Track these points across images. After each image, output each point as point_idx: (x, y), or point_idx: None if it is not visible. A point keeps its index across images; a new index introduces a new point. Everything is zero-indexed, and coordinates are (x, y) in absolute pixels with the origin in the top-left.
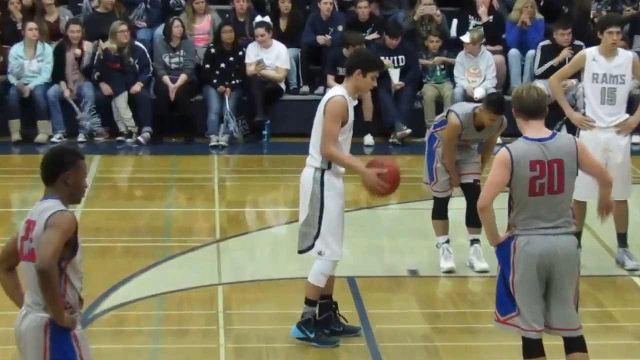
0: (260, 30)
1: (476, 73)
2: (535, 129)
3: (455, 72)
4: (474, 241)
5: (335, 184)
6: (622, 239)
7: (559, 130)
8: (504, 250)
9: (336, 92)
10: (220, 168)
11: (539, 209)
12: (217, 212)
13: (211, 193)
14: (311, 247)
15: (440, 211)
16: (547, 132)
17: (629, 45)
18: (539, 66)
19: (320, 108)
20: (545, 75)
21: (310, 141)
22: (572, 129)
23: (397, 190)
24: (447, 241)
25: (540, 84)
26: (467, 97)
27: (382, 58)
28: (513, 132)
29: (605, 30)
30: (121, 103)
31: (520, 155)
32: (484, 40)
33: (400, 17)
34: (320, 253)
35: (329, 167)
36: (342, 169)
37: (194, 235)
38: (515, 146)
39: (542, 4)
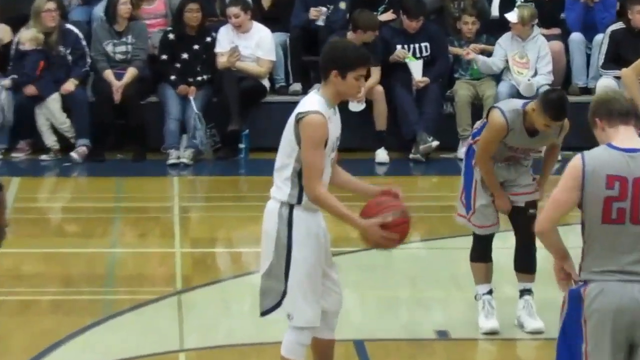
0: (234, 10)
1: (523, 63)
2: (625, 136)
3: (494, 58)
4: (524, 292)
5: (309, 224)
6: None
7: None
8: (569, 302)
9: (310, 105)
10: (183, 194)
11: (617, 244)
12: (178, 254)
13: (170, 228)
14: (277, 306)
15: (481, 251)
16: (638, 142)
17: None
18: (605, 58)
19: (291, 123)
20: (613, 69)
21: (275, 164)
22: None
23: (402, 242)
24: (490, 292)
25: (605, 80)
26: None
27: (399, 46)
28: (577, 144)
29: None
30: (53, 107)
31: (595, 166)
32: (536, 20)
33: None
34: (289, 317)
35: (299, 200)
36: None
37: (147, 285)
38: (591, 154)
39: None
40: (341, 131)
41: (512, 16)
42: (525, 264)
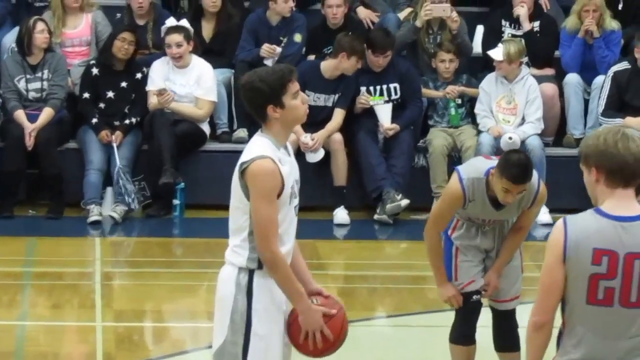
0: (176, 37)
1: (510, 109)
2: (620, 201)
3: (478, 105)
4: None
5: (273, 292)
6: None
7: None
8: None
9: (255, 150)
10: (105, 258)
11: (603, 329)
12: (100, 328)
13: (90, 297)
14: None
15: (463, 330)
16: (635, 209)
17: None
18: (607, 104)
19: (236, 176)
20: (616, 117)
21: (229, 224)
22: None
23: (334, 350)
24: None
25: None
26: (500, 153)
27: (363, 89)
28: (572, 206)
29: None
30: None
31: (580, 237)
32: (525, 57)
33: (392, 22)
34: None
35: (260, 265)
36: (286, 252)
37: None
38: (576, 221)
39: (620, 6)
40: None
41: (496, 53)
42: (508, 341)
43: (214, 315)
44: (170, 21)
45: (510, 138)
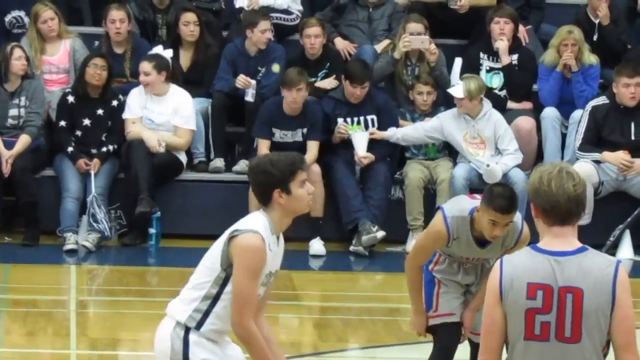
0: (145, 66)
1: (477, 143)
2: (556, 237)
3: (426, 128)
4: None
5: (211, 349)
6: None
7: (614, 240)
8: None
9: (251, 223)
10: (81, 286)
11: None
12: (74, 357)
13: (65, 326)
14: None
15: None
16: (572, 244)
17: None
18: (584, 138)
19: (223, 239)
20: (592, 152)
21: (191, 277)
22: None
23: None
24: None
25: (582, 165)
26: (474, 185)
27: (340, 120)
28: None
29: None
30: None
31: (515, 273)
32: (484, 92)
33: (370, 54)
34: None
35: (198, 326)
36: (223, 329)
37: None
38: (511, 259)
39: (595, 38)
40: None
41: (456, 91)
42: None
43: None
44: (158, 49)
45: (487, 165)
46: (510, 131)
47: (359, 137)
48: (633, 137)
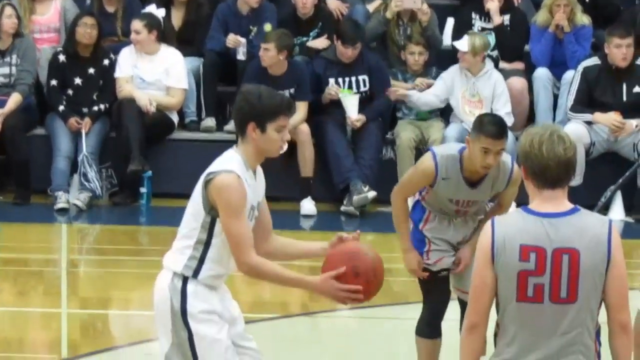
0: (136, 24)
1: (475, 102)
2: (547, 200)
3: (429, 96)
4: None
5: (208, 301)
6: None
7: (606, 201)
8: None
9: (224, 163)
10: (72, 245)
11: (535, 327)
12: (65, 315)
13: (55, 284)
14: None
15: (429, 321)
16: (563, 206)
17: None
18: (576, 99)
19: (200, 184)
20: (584, 113)
21: (180, 227)
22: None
23: (379, 287)
24: None
25: (573, 126)
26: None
27: (332, 80)
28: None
29: None
30: None
31: (507, 234)
32: (489, 50)
33: (362, 14)
34: None
35: (195, 274)
36: (220, 273)
37: (26, 351)
38: (503, 220)
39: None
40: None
41: (462, 44)
42: None
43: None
44: (150, 8)
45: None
46: (507, 94)
47: (350, 100)
48: (625, 98)
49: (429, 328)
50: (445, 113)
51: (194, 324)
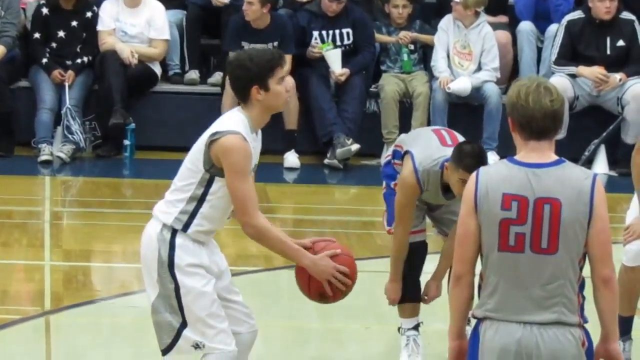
0: None
1: (465, 54)
2: (533, 151)
3: (437, 46)
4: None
5: (195, 254)
6: None
7: (589, 155)
8: (469, 345)
9: (230, 124)
10: (55, 198)
11: (516, 276)
12: (48, 268)
13: (39, 237)
14: (177, 339)
15: (408, 289)
16: (549, 157)
17: None
18: (559, 53)
19: (203, 141)
20: (568, 66)
21: (175, 179)
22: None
23: (352, 285)
24: (416, 327)
25: (557, 79)
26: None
27: (316, 33)
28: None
29: None
30: None
31: (490, 183)
32: (480, 7)
33: None
34: (197, 346)
35: (185, 228)
36: (210, 229)
37: (9, 303)
38: (487, 169)
39: None
40: None
41: None
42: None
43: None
44: None
45: (449, 88)
46: (497, 50)
47: (333, 55)
48: (608, 52)
49: (409, 295)
50: (429, 67)
51: (181, 276)
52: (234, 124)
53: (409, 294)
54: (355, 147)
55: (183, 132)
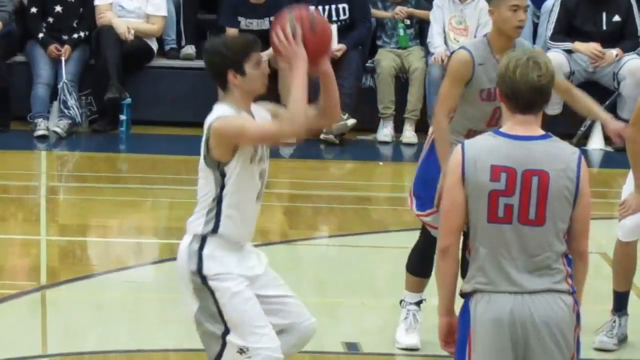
0: None
1: (461, 30)
2: (519, 124)
3: (432, 22)
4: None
5: (224, 262)
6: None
7: (585, 130)
8: (459, 318)
9: (218, 111)
10: (51, 172)
11: (505, 248)
12: (44, 242)
13: (35, 211)
14: (223, 348)
15: (423, 265)
16: (535, 131)
17: None
18: (555, 28)
19: (202, 146)
20: (564, 42)
21: (197, 197)
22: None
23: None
24: (419, 303)
25: (553, 55)
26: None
27: (311, 7)
28: None
29: None
30: None
31: (478, 154)
32: None
33: None
34: (242, 351)
35: (216, 228)
36: (242, 217)
37: (5, 278)
38: (473, 141)
39: None
40: None
41: None
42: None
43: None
44: None
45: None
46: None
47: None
48: (604, 27)
49: (421, 270)
50: (425, 42)
51: (213, 284)
52: (219, 112)
53: (419, 268)
54: (352, 122)
55: (179, 107)
